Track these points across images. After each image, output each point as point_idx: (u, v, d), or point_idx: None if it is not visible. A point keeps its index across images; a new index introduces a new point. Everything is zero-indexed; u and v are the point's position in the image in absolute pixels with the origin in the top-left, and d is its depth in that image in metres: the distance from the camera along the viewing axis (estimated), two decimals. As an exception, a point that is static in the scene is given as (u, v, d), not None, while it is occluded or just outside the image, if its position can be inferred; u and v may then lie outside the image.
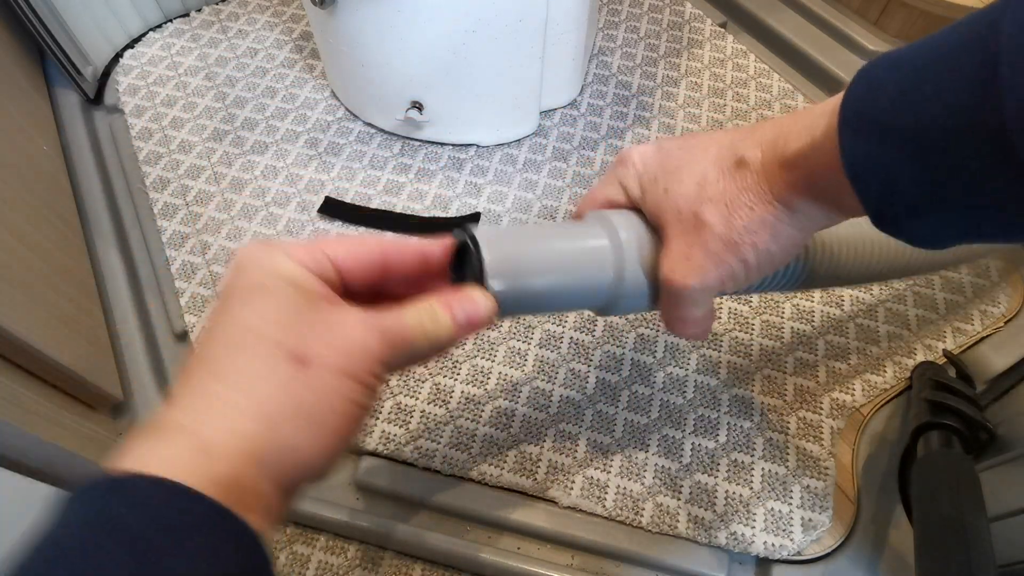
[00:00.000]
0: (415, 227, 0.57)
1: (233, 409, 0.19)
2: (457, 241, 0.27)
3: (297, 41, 0.71)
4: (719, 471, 0.44)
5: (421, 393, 0.47)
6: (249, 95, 0.66)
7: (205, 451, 0.18)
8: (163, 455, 0.18)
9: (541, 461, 0.44)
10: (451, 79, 0.56)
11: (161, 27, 0.72)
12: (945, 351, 0.49)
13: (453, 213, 0.58)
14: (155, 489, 0.17)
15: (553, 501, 0.43)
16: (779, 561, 0.41)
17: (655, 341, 0.50)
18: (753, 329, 0.51)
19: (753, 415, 0.46)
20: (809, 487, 0.43)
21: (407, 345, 0.23)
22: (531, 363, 0.49)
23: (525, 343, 0.50)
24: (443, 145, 0.63)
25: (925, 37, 0.20)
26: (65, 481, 0.37)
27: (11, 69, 0.60)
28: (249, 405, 0.19)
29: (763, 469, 0.44)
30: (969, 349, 0.50)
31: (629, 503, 0.43)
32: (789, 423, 0.46)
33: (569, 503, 0.43)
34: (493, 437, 0.45)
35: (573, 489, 0.43)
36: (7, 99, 0.56)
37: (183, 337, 0.52)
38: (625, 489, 0.43)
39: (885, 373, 0.48)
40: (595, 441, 0.45)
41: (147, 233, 0.57)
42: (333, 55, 0.60)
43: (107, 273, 0.55)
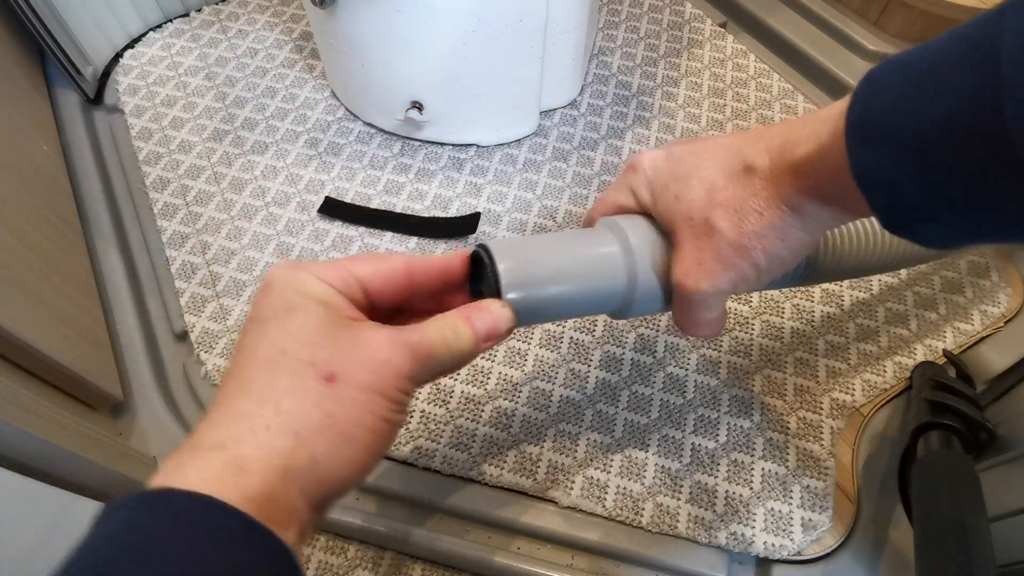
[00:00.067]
0: (415, 227, 0.57)
1: (265, 426, 0.20)
2: (473, 254, 0.28)
3: (297, 41, 0.71)
4: (719, 471, 0.44)
5: (421, 393, 0.47)
6: (249, 95, 0.66)
7: (238, 467, 0.19)
8: (197, 471, 0.18)
9: (541, 461, 0.44)
10: (451, 79, 0.56)
11: (161, 27, 0.72)
12: (945, 351, 0.49)
13: (453, 213, 0.58)
14: (189, 503, 0.17)
15: (553, 501, 0.43)
16: (779, 561, 0.41)
17: (655, 341, 0.50)
18: (753, 329, 0.51)
19: (753, 415, 0.46)
20: (809, 487, 0.43)
21: (431, 359, 0.24)
22: (531, 363, 0.49)
23: (525, 343, 0.50)
24: (443, 145, 0.63)
25: (931, 40, 0.20)
26: (65, 481, 0.37)
27: (11, 69, 0.60)
28: (281, 422, 0.20)
29: (763, 469, 0.44)
30: (969, 349, 0.50)
31: (629, 503, 0.43)
32: (789, 423, 0.46)
33: (569, 503, 0.43)
34: (493, 437, 0.45)
35: (573, 489, 0.43)
36: (7, 99, 0.56)
37: (183, 337, 0.52)
38: (625, 489, 0.43)
39: (885, 373, 0.48)
40: (595, 441, 0.45)
41: (147, 233, 0.57)
42: (333, 55, 0.60)
43: (107, 273, 0.55)
